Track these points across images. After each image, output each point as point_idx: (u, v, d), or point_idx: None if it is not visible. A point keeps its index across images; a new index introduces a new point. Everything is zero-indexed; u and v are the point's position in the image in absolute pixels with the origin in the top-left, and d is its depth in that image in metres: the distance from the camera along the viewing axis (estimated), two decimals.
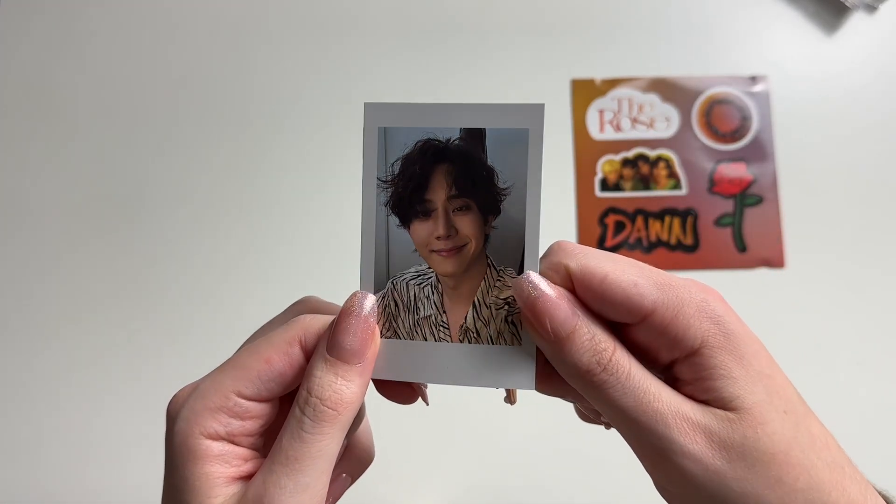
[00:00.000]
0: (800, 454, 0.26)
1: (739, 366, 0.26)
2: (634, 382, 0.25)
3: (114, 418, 0.64)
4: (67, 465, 0.64)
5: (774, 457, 0.25)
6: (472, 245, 0.28)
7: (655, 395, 0.25)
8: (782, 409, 0.26)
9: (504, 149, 0.27)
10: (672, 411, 0.25)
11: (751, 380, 0.26)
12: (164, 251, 0.68)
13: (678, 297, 0.26)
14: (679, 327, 0.26)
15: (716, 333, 0.26)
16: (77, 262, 0.68)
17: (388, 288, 0.28)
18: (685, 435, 0.25)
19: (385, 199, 0.28)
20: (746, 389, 0.25)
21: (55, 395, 0.65)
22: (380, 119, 0.27)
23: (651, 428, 0.25)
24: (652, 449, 0.26)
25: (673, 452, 0.25)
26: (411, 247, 0.28)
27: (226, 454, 0.26)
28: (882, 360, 0.67)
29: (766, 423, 0.25)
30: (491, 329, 0.28)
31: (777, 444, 0.25)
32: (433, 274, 0.28)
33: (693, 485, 0.25)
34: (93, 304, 0.67)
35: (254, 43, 0.73)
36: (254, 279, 0.68)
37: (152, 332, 0.66)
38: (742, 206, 0.70)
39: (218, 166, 0.71)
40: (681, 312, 0.26)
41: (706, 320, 0.26)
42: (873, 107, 0.73)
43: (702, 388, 0.26)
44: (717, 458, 0.25)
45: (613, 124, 0.72)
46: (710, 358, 0.26)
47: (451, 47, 0.73)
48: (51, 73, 0.72)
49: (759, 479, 0.25)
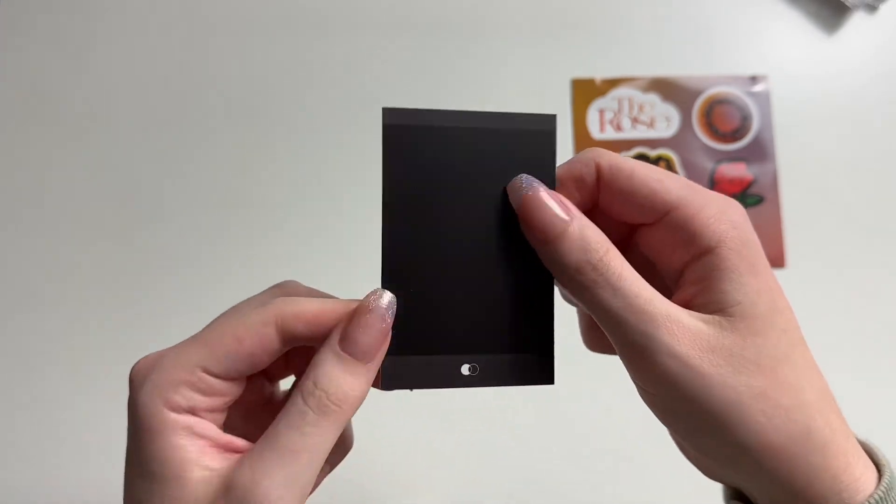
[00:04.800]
0: (789, 373, 0.25)
1: (750, 273, 0.26)
2: (625, 283, 0.25)
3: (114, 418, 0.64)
4: (68, 465, 0.64)
5: (761, 368, 0.25)
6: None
7: (646, 299, 0.25)
8: (781, 326, 0.26)
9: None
10: (661, 313, 0.25)
11: (758, 290, 0.26)
12: (165, 251, 0.68)
13: (703, 197, 0.27)
14: (700, 223, 0.26)
15: (734, 237, 0.26)
16: (77, 262, 0.68)
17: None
18: (672, 335, 0.25)
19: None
20: (751, 298, 0.25)
21: (56, 394, 0.65)
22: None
23: (638, 327, 0.25)
24: (637, 348, 0.25)
25: (657, 352, 0.25)
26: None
27: (193, 426, 0.26)
28: (882, 360, 0.67)
29: (759, 334, 0.25)
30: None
31: (767, 357, 0.25)
32: None
33: (674, 386, 0.25)
34: (93, 303, 0.67)
35: (256, 42, 0.73)
36: (254, 279, 0.68)
37: (152, 331, 0.66)
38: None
39: (218, 166, 0.70)
40: (703, 211, 0.26)
41: (727, 223, 0.26)
42: (873, 107, 0.73)
43: (709, 287, 0.26)
44: (703, 360, 0.25)
45: (614, 124, 0.72)
46: (725, 259, 0.26)
47: (451, 47, 0.73)
48: (50, 73, 0.72)
49: (743, 388, 0.25)
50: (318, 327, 0.26)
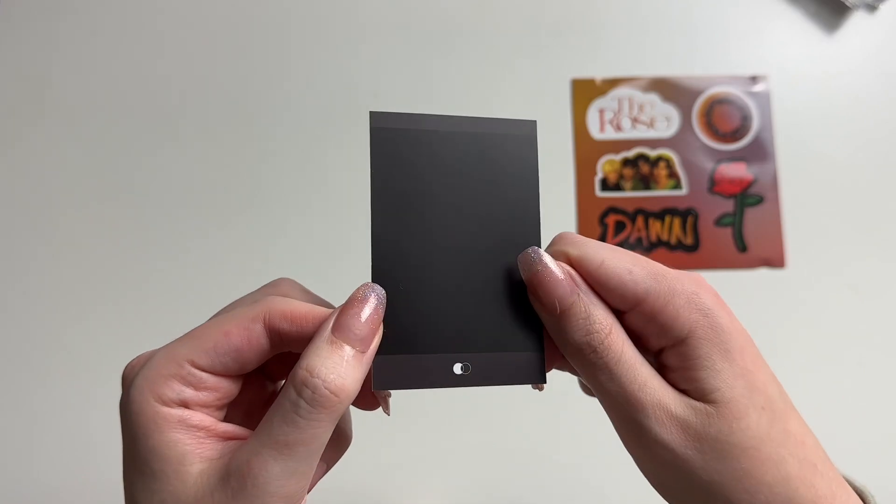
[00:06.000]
0: (771, 449, 0.26)
1: (724, 359, 0.26)
2: (622, 368, 0.26)
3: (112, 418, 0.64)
4: (68, 465, 0.64)
5: (745, 451, 0.26)
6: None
7: (640, 385, 0.26)
8: (760, 405, 0.26)
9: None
10: (652, 402, 0.26)
11: (732, 374, 0.26)
12: (165, 251, 0.68)
13: (670, 287, 0.27)
14: (668, 316, 0.26)
15: (703, 325, 0.27)
16: (77, 262, 0.68)
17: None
18: (661, 425, 0.26)
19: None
20: (727, 383, 0.26)
21: (54, 394, 0.65)
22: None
23: (630, 415, 0.26)
24: (630, 431, 0.27)
25: (648, 439, 0.26)
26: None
27: (187, 419, 0.26)
28: (882, 360, 0.67)
29: (741, 418, 0.26)
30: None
31: (750, 438, 0.26)
32: None
33: (663, 467, 0.26)
34: (92, 303, 0.67)
35: (255, 43, 0.73)
36: (253, 279, 0.68)
37: (152, 331, 0.66)
38: (742, 205, 0.70)
39: (218, 165, 0.71)
40: (671, 302, 0.26)
41: (695, 312, 0.27)
42: (873, 106, 0.73)
43: (685, 377, 0.27)
44: (689, 448, 0.26)
45: (614, 124, 0.72)
46: (696, 348, 0.26)
47: (451, 47, 0.73)
48: (49, 73, 0.72)
49: (728, 471, 0.26)
50: (306, 325, 0.26)
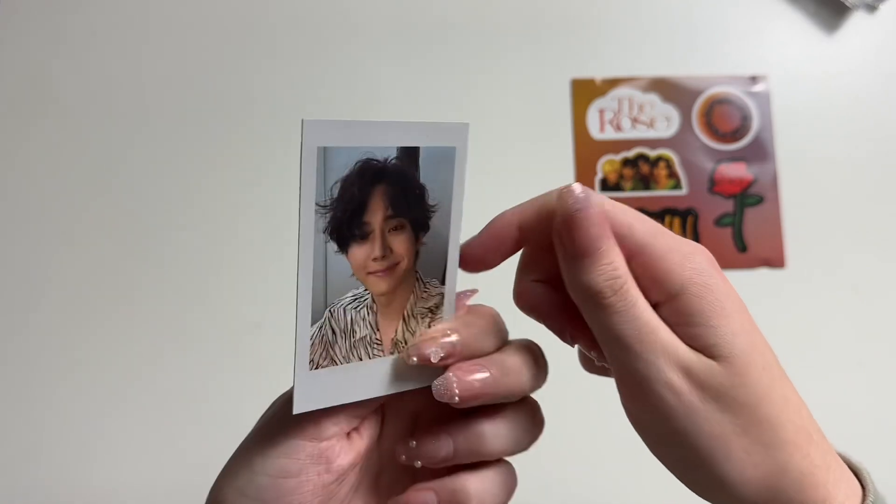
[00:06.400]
0: (769, 410, 0.26)
1: (719, 317, 0.27)
2: (637, 312, 0.26)
3: (112, 418, 0.64)
4: (68, 466, 0.64)
5: (745, 407, 0.26)
6: (404, 262, 0.28)
7: (653, 329, 0.26)
8: (761, 365, 0.27)
9: (435, 165, 0.28)
10: (663, 345, 0.26)
11: (730, 331, 0.27)
12: (164, 251, 0.68)
13: (666, 244, 0.27)
14: (662, 270, 0.27)
15: (697, 283, 0.27)
16: (77, 262, 0.68)
17: (325, 317, 0.27)
18: (671, 368, 0.26)
19: (324, 226, 0.26)
20: (725, 339, 0.26)
21: (55, 395, 0.65)
22: (319, 138, 0.25)
23: (642, 355, 0.26)
24: (636, 376, 0.27)
25: (656, 381, 0.26)
26: (348, 272, 0.27)
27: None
28: (882, 360, 0.67)
29: (743, 374, 0.26)
30: (416, 337, 0.29)
31: (750, 395, 0.26)
32: (369, 295, 0.28)
33: (667, 417, 0.26)
34: (92, 303, 0.67)
35: (253, 45, 0.73)
36: (254, 278, 0.68)
37: (152, 332, 0.66)
38: (742, 205, 0.70)
39: (218, 166, 0.71)
40: (666, 257, 0.27)
41: (689, 269, 0.27)
42: (873, 106, 0.73)
43: (683, 333, 0.27)
44: (693, 394, 0.26)
45: (614, 124, 0.72)
46: (689, 305, 0.27)
47: (451, 47, 0.73)
48: (48, 72, 0.72)
49: (727, 425, 0.26)
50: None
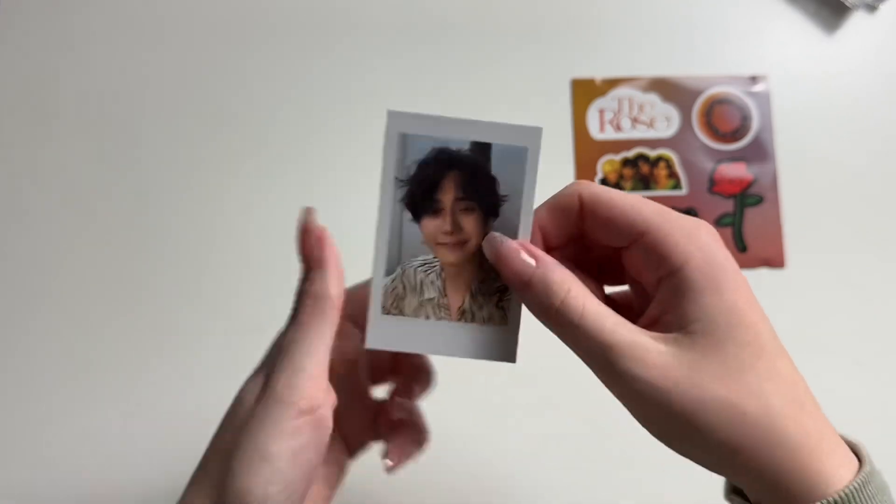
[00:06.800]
0: (752, 381, 0.27)
1: (714, 292, 0.28)
2: (587, 321, 0.28)
3: (112, 418, 0.64)
4: (68, 466, 0.64)
5: (720, 380, 0.27)
6: (473, 241, 0.32)
7: (609, 331, 0.28)
8: (744, 339, 0.27)
9: (506, 161, 0.31)
10: (623, 342, 0.28)
11: (717, 308, 0.27)
12: (164, 251, 0.68)
13: (671, 222, 0.29)
14: (667, 246, 0.28)
15: (698, 258, 0.28)
16: (77, 262, 0.68)
17: (398, 273, 0.33)
18: (634, 360, 0.27)
19: (400, 197, 0.32)
20: (708, 315, 0.27)
21: (54, 394, 0.65)
22: (400, 126, 0.31)
23: (603, 357, 0.28)
24: (608, 375, 0.28)
25: (622, 376, 0.28)
26: (419, 238, 0.32)
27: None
28: (882, 360, 0.67)
29: (717, 348, 0.27)
30: (484, 312, 0.33)
31: (726, 368, 0.27)
32: (438, 263, 0.33)
33: (643, 402, 0.28)
34: (91, 303, 0.67)
35: (255, 41, 0.73)
36: (254, 278, 0.68)
37: (152, 332, 0.66)
38: (742, 205, 0.70)
39: (219, 165, 0.71)
40: (671, 235, 0.29)
41: (693, 245, 0.28)
42: (874, 106, 0.73)
43: (672, 306, 0.28)
44: (666, 380, 0.27)
45: (614, 124, 0.72)
46: (687, 279, 0.28)
47: (450, 47, 0.73)
48: (48, 72, 0.72)
49: (707, 400, 0.27)
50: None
